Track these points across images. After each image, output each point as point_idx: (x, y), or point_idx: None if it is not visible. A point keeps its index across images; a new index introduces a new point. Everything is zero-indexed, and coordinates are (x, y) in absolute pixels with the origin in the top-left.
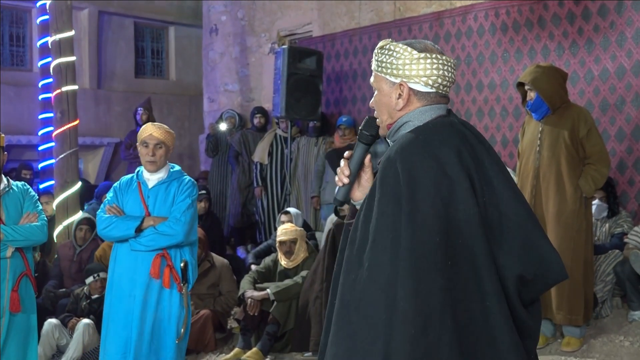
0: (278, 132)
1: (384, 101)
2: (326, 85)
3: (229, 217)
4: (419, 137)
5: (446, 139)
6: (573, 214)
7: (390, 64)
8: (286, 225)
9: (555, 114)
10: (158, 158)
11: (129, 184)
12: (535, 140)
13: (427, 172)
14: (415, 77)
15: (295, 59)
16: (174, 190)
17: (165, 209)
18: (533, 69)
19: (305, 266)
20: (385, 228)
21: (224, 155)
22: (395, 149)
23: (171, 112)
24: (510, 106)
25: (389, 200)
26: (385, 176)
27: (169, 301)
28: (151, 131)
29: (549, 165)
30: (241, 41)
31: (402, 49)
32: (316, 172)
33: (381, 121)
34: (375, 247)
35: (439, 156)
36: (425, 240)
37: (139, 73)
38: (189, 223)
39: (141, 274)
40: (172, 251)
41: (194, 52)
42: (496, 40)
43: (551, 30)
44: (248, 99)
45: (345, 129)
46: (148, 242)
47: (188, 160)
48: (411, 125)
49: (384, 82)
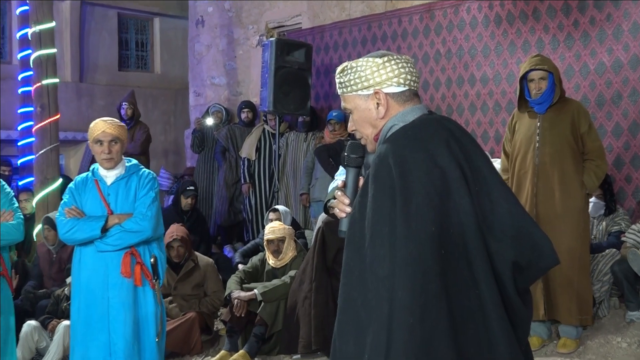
0: (266, 128)
1: (364, 116)
2: (315, 79)
3: (216, 215)
4: (408, 132)
5: (434, 133)
6: (580, 212)
7: (358, 79)
8: (274, 223)
9: (553, 109)
10: (115, 154)
11: (85, 183)
12: (532, 136)
13: (418, 164)
14: (387, 81)
15: (283, 52)
16: (134, 184)
17: (127, 205)
18: (540, 58)
19: (294, 266)
20: (381, 222)
21: (210, 151)
22: (386, 146)
23: (156, 106)
24: (503, 100)
25: (382, 194)
26: (378, 172)
27: (144, 299)
28: (104, 128)
29: (552, 162)
30: (228, 33)
31: (364, 61)
32: (305, 169)
33: (366, 137)
34: (373, 241)
35: (429, 148)
36: (420, 230)
37: (122, 66)
38: (155, 217)
39: (112, 274)
40: (141, 248)
41: (180, 45)
42: (489, 32)
43: (546, 23)
44: (235, 93)
45: (336, 124)
46: (116, 241)
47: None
48: (397, 128)
49: (357, 99)
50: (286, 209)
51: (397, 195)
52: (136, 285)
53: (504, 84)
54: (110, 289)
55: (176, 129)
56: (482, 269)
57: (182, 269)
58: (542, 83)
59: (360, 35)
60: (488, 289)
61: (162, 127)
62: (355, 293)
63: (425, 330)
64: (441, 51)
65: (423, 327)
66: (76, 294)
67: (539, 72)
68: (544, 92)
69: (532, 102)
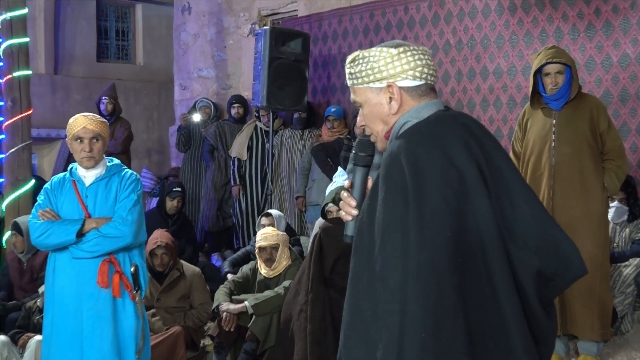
0: (258, 124)
1: (375, 111)
2: (313, 72)
3: (203, 220)
4: (422, 129)
5: (450, 130)
6: (601, 217)
7: (371, 70)
8: (267, 229)
9: (570, 105)
10: (96, 152)
11: (62, 183)
12: (548, 134)
13: (433, 164)
14: (401, 74)
15: (278, 42)
16: (115, 186)
17: (107, 209)
18: (556, 49)
19: (288, 275)
20: (393, 226)
21: (197, 150)
22: (398, 143)
23: (138, 100)
24: (519, 95)
25: (394, 196)
26: (389, 172)
27: (124, 313)
28: (84, 124)
29: (570, 163)
30: (217, 21)
31: (377, 51)
32: (301, 169)
33: (377, 134)
34: (384, 248)
35: (445, 146)
36: (435, 235)
37: (101, 57)
38: (137, 222)
39: (87, 284)
40: (120, 255)
41: (164, 34)
42: (503, 21)
43: (565, 11)
44: (225, 87)
45: (335, 121)
46: (92, 247)
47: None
48: (411, 124)
49: (369, 92)
50: (280, 214)
51: (410, 198)
52: (114, 296)
53: (519, 77)
54: (85, 300)
55: (160, 126)
56: (502, 280)
57: (166, 278)
58: (558, 77)
59: (362, 24)
60: (509, 302)
61: (144, 123)
62: (364, 304)
63: (439, 348)
64: (451, 41)
65: (437, 344)
66: (49, 305)
67: (556, 65)
68: (560, 87)
69: (547, 98)
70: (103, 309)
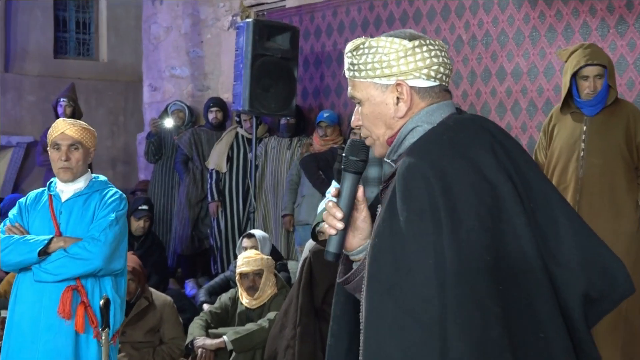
0: (240, 131)
1: (377, 111)
2: (303, 71)
3: (175, 241)
4: (442, 136)
5: (475, 136)
6: (632, 239)
7: (378, 63)
8: (249, 252)
9: (604, 112)
10: (74, 163)
11: (38, 198)
12: (576, 143)
13: (463, 177)
14: (414, 72)
15: (262, 37)
16: (94, 204)
17: (82, 228)
18: (594, 49)
19: (274, 306)
20: (424, 253)
21: (169, 161)
22: (416, 153)
23: (101, 103)
24: (540, 100)
25: (421, 217)
26: (410, 189)
27: (87, 352)
28: (63, 129)
29: (601, 176)
30: (193, 12)
31: (388, 42)
32: (289, 184)
33: (376, 138)
34: (414, 278)
35: (473, 157)
36: (473, 260)
37: (59, 52)
38: (111, 245)
39: (47, 313)
40: (89, 283)
41: (132, 26)
42: (522, 15)
43: (592, 4)
44: (201, 88)
45: (327, 128)
46: (56, 269)
47: (123, 166)
48: (420, 130)
49: (373, 88)
50: (264, 235)
51: (442, 218)
52: (77, 331)
53: (540, 79)
54: (43, 331)
55: (127, 132)
56: (547, 307)
57: (132, 309)
58: (597, 82)
59: (361, 16)
60: (556, 332)
61: (108, 129)
62: (391, 347)
63: None
64: (463, 38)
65: None
66: (7, 335)
67: (595, 67)
68: (599, 92)
69: (581, 102)
70: (63, 345)
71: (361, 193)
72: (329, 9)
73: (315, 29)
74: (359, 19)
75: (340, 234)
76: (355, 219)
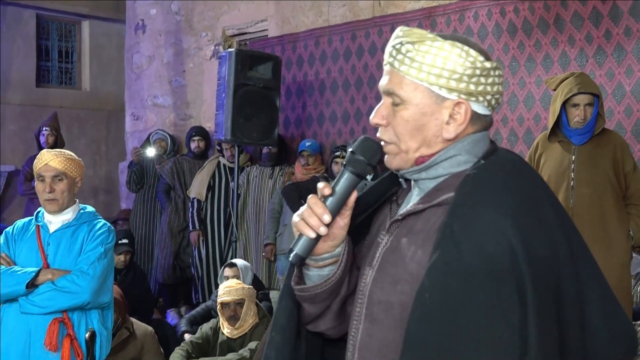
0: (222, 160)
1: (422, 123)
2: (285, 100)
3: (157, 271)
4: (508, 184)
5: (536, 186)
6: (623, 269)
7: (447, 72)
8: (231, 281)
9: (592, 140)
10: (59, 194)
11: (25, 228)
12: (565, 172)
13: (542, 244)
14: (480, 95)
15: (245, 66)
16: (82, 236)
17: (70, 260)
18: (584, 77)
19: (255, 336)
20: (504, 324)
21: (151, 190)
22: (491, 201)
23: (84, 132)
24: (521, 129)
25: (501, 286)
26: (488, 246)
27: None
28: (47, 160)
29: (591, 206)
30: (176, 41)
31: (464, 52)
32: (271, 213)
33: (405, 149)
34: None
35: (539, 211)
36: (549, 336)
37: (41, 81)
38: (99, 278)
39: (34, 345)
40: (76, 316)
41: (114, 55)
42: (502, 44)
43: (571, 34)
44: (184, 117)
45: (310, 157)
46: (43, 302)
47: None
48: (461, 160)
49: (427, 94)
50: (246, 264)
51: (527, 293)
52: None
53: (520, 108)
54: None
55: (109, 162)
56: None
57: (113, 339)
58: (588, 110)
59: (343, 46)
60: None
61: (90, 158)
62: None
63: None
64: None
65: None
66: None
67: (586, 96)
68: (589, 121)
69: (570, 131)
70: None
71: (352, 200)
72: (311, 39)
73: (298, 58)
74: (341, 49)
75: (316, 238)
76: (335, 222)
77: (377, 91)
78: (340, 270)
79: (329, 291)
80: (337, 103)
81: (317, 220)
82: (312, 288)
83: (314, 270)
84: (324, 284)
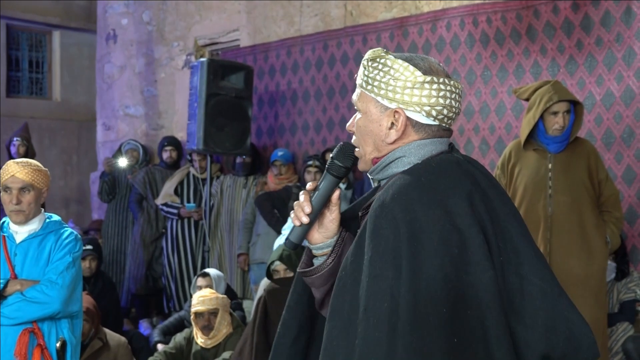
0: (191, 171)
1: (370, 128)
2: (257, 110)
3: (129, 281)
4: (422, 179)
5: (455, 183)
6: (602, 275)
7: (385, 84)
8: (204, 291)
9: (566, 148)
10: (26, 206)
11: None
12: (543, 180)
13: (433, 225)
14: (415, 105)
15: (217, 76)
16: (49, 245)
17: (37, 270)
18: (560, 84)
19: (229, 345)
20: (380, 295)
21: (123, 200)
22: (392, 193)
23: (54, 142)
24: (492, 138)
25: (384, 260)
26: (379, 228)
27: None
28: (13, 171)
29: (569, 213)
30: (147, 51)
31: (403, 66)
32: (244, 222)
33: (363, 152)
34: (367, 319)
35: (448, 204)
36: (430, 312)
37: (11, 91)
38: (68, 287)
39: (4, 356)
40: (46, 325)
41: (85, 65)
42: (474, 54)
43: (543, 44)
44: (156, 127)
45: (282, 166)
46: (13, 313)
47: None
48: (405, 162)
49: (374, 104)
50: (219, 273)
51: (403, 265)
52: None
53: (492, 117)
54: None
55: (80, 172)
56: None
57: (86, 350)
58: (566, 117)
59: (315, 55)
60: None
61: (62, 168)
62: None
63: None
64: None
65: None
66: None
67: (565, 103)
68: (567, 129)
69: (546, 139)
70: None
71: (336, 196)
72: (282, 49)
73: (270, 68)
74: (313, 58)
75: (304, 227)
76: (324, 216)
77: (349, 100)
78: (331, 259)
79: (323, 277)
80: (310, 112)
81: (301, 211)
82: (308, 272)
83: (318, 259)
84: (318, 269)
